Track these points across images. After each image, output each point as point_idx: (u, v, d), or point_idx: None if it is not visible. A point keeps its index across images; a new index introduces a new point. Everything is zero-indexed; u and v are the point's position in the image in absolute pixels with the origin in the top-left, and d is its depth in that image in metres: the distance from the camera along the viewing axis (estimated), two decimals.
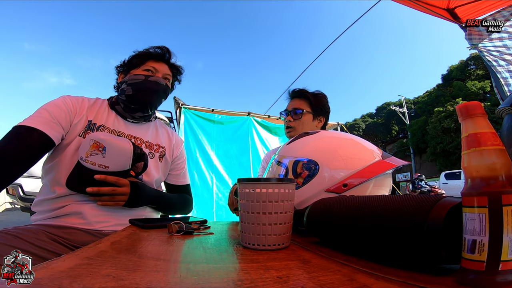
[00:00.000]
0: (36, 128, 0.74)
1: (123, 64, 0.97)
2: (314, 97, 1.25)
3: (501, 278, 0.24)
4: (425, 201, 0.32)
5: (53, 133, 0.77)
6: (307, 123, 1.22)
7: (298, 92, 1.26)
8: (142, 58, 0.94)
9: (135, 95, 0.90)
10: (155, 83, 0.92)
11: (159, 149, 0.99)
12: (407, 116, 23.40)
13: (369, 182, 0.58)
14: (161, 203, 0.95)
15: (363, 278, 0.29)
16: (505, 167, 0.26)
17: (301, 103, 1.24)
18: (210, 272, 0.32)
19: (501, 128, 0.55)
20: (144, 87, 0.90)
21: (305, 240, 0.52)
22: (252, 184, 0.45)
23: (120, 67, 0.98)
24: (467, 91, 18.98)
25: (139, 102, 0.92)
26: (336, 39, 5.99)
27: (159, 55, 0.96)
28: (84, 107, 0.87)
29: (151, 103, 0.94)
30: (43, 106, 0.81)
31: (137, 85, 0.90)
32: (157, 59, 0.95)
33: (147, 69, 0.93)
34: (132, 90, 0.90)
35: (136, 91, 0.90)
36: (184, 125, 2.87)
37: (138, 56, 0.95)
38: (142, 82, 0.90)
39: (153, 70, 0.93)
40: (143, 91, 0.90)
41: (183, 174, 1.09)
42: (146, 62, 0.94)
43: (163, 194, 0.96)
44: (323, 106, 1.27)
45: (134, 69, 0.93)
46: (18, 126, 0.74)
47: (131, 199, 0.81)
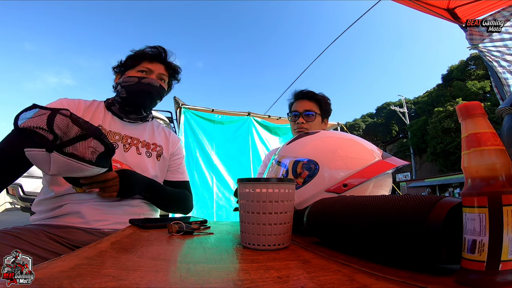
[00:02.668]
0: None
1: (119, 65, 0.97)
2: (323, 100, 1.28)
3: (501, 278, 0.24)
4: (425, 201, 0.32)
5: None
6: (317, 125, 1.26)
7: (308, 94, 1.28)
8: (137, 59, 0.94)
9: (128, 98, 0.91)
10: (148, 85, 0.91)
11: (156, 148, 0.99)
12: (407, 116, 23.42)
13: (369, 182, 0.58)
14: (155, 192, 0.91)
15: (363, 278, 0.29)
16: (505, 167, 0.26)
17: (311, 105, 1.26)
18: (210, 272, 0.32)
19: (501, 128, 0.55)
20: (137, 89, 0.90)
21: (305, 240, 0.52)
22: (252, 184, 0.45)
23: (117, 67, 0.98)
24: (467, 91, 18.99)
25: (132, 105, 0.92)
26: (336, 39, 6.00)
27: (154, 55, 0.95)
28: (80, 108, 0.88)
29: (144, 105, 0.94)
30: None
31: (130, 88, 0.90)
32: (152, 60, 0.95)
33: (141, 70, 0.92)
34: (125, 92, 0.90)
35: (129, 93, 0.90)
36: (184, 125, 2.87)
37: (134, 56, 0.95)
38: (135, 85, 0.90)
39: (148, 71, 0.93)
40: (136, 94, 0.91)
41: (181, 170, 1.08)
42: (141, 63, 0.93)
43: (158, 183, 0.93)
44: (329, 109, 1.31)
45: (129, 70, 0.93)
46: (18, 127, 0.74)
47: (122, 187, 0.79)
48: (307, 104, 1.26)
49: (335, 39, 5.98)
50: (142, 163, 0.92)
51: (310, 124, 1.24)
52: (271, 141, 3.28)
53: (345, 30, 5.61)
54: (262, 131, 3.27)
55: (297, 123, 1.24)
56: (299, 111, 1.25)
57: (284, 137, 3.32)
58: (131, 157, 0.91)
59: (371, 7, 4.21)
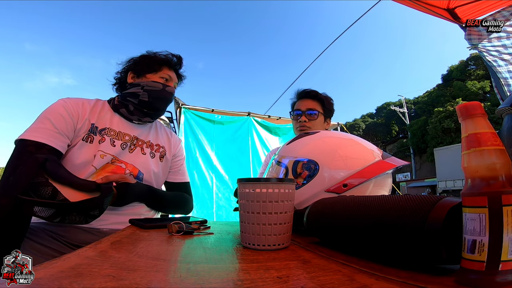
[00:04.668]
0: (45, 144, 0.74)
1: (135, 63, 0.95)
2: (326, 99, 1.28)
3: (501, 278, 0.24)
4: (425, 201, 0.32)
5: (61, 144, 0.78)
6: (320, 125, 1.25)
7: (311, 93, 1.28)
8: (159, 64, 0.94)
9: (151, 102, 0.91)
10: (171, 94, 0.94)
11: (160, 149, 1.00)
12: (407, 116, 23.42)
13: (369, 182, 0.58)
14: (152, 200, 0.91)
15: (363, 278, 0.29)
16: (505, 167, 0.26)
17: (314, 104, 1.26)
18: (210, 272, 0.32)
19: (501, 128, 0.55)
20: (161, 96, 0.92)
21: (305, 240, 0.52)
22: (252, 184, 0.45)
23: (131, 65, 0.95)
24: (467, 91, 19.00)
25: (153, 109, 0.93)
26: (336, 39, 5.99)
27: (174, 63, 0.98)
28: (85, 110, 0.87)
29: (163, 111, 0.97)
30: (44, 114, 0.79)
31: (154, 93, 0.91)
32: (171, 67, 0.97)
33: (163, 77, 0.94)
34: (148, 97, 0.90)
35: (153, 98, 0.91)
36: (184, 125, 2.87)
37: (155, 60, 0.94)
38: (160, 91, 0.91)
39: (168, 78, 0.95)
40: (159, 100, 0.92)
41: (181, 172, 1.08)
42: (163, 69, 0.94)
43: (155, 190, 0.93)
44: (332, 109, 1.30)
45: (150, 73, 0.93)
46: (26, 142, 0.73)
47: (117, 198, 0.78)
48: (310, 103, 1.26)
49: (334, 40, 5.98)
50: (146, 163, 0.93)
51: (313, 123, 1.24)
52: (271, 141, 3.28)
53: (345, 30, 5.61)
54: (262, 131, 3.27)
55: (300, 121, 1.24)
56: (302, 110, 1.25)
57: (284, 137, 3.31)
58: (136, 157, 0.91)
59: (370, 8, 4.21)
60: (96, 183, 0.70)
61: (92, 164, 0.82)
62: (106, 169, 0.84)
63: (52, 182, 0.63)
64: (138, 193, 0.84)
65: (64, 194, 0.63)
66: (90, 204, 0.65)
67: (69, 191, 0.65)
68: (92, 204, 0.65)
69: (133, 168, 0.89)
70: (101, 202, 0.67)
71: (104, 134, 0.87)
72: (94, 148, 0.83)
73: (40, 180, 0.62)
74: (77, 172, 0.79)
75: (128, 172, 0.88)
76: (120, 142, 0.89)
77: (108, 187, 0.70)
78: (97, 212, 0.67)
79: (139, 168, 0.90)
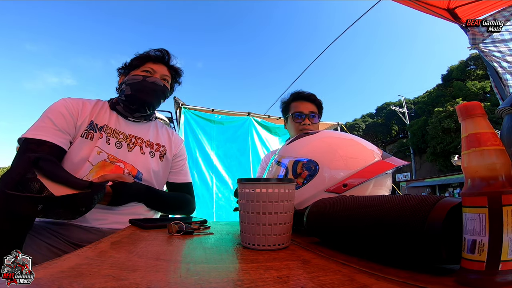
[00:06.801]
0: (46, 140, 0.76)
1: (124, 67, 1.00)
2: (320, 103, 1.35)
3: (501, 278, 0.24)
4: (425, 201, 0.32)
5: (61, 140, 0.80)
6: (317, 127, 1.32)
7: (311, 97, 1.33)
8: (141, 60, 0.97)
9: (133, 95, 0.93)
10: (153, 83, 0.94)
11: (160, 148, 1.00)
12: (407, 116, 23.42)
13: (369, 182, 0.58)
14: (151, 201, 0.91)
15: (363, 278, 0.29)
16: (505, 167, 0.26)
17: (314, 107, 1.32)
18: (210, 272, 0.32)
19: (501, 128, 0.55)
20: (141, 86, 0.93)
21: (305, 240, 0.52)
22: (252, 184, 0.45)
23: (121, 69, 1.00)
24: (467, 91, 19.00)
25: (137, 102, 0.94)
26: (335, 39, 5.99)
27: (158, 57, 0.99)
28: (86, 108, 0.89)
29: (149, 103, 0.95)
30: (46, 113, 0.82)
31: (135, 85, 0.92)
32: (156, 61, 0.98)
33: (146, 70, 0.96)
34: (130, 90, 0.92)
35: (135, 91, 0.92)
36: (184, 125, 2.86)
37: (138, 58, 0.98)
38: (140, 82, 0.93)
39: (152, 71, 0.96)
40: (141, 91, 0.93)
41: (183, 172, 1.08)
42: (145, 64, 0.96)
43: (154, 191, 0.92)
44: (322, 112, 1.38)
45: (133, 70, 0.96)
46: (28, 140, 0.76)
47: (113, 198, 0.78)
48: (311, 106, 1.31)
49: (334, 40, 5.98)
50: (145, 163, 0.93)
51: (314, 126, 1.30)
52: (271, 141, 3.27)
53: (345, 30, 5.61)
54: (262, 131, 3.27)
55: (303, 124, 1.28)
56: (305, 113, 1.28)
57: (284, 137, 3.31)
58: (135, 157, 0.91)
59: (370, 8, 4.20)
60: (90, 182, 0.70)
61: (88, 159, 0.83)
62: (105, 169, 0.85)
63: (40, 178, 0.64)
64: (135, 192, 0.84)
65: (51, 189, 0.63)
66: (77, 199, 0.65)
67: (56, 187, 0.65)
68: (79, 200, 0.66)
69: (132, 168, 0.89)
70: (89, 198, 0.67)
71: (103, 131, 0.88)
72: (93, 145, 0.85)
73: (29, 176, 0.63)
74: (76, 168, 0.81)
75: (126, 172, 0.88)
76: (114, 140, 0.89)
77: (99, 185, 0.70)
78: (84, 209, 0.67)
79: (138, 168, 0.90)
